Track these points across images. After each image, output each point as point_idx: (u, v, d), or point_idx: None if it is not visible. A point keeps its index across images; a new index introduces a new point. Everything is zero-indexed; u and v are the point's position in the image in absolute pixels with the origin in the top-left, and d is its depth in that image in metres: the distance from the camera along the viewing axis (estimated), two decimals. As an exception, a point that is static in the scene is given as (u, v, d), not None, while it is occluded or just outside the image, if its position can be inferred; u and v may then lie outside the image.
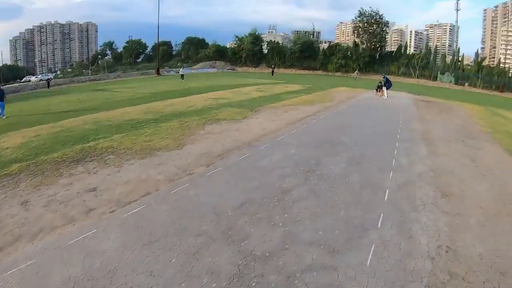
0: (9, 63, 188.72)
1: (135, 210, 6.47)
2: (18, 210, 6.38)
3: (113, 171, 8.67)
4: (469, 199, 7.47)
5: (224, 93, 25.87)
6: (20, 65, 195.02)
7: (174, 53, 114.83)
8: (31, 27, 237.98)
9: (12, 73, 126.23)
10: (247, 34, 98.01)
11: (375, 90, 30.03)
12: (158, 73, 75.86)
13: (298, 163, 8.72)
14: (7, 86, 70.71)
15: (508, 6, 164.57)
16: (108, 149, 10.72)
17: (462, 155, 11.24)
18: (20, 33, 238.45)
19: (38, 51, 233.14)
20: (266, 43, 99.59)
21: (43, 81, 68.05)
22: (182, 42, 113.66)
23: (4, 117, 19.32)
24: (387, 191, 7.51)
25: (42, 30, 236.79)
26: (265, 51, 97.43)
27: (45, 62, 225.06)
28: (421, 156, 10.55)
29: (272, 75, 56.33)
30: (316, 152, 9.76)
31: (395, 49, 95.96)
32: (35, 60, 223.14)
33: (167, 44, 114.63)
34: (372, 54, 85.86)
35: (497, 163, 10.62)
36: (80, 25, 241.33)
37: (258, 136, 11.74)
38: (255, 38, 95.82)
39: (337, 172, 8.22)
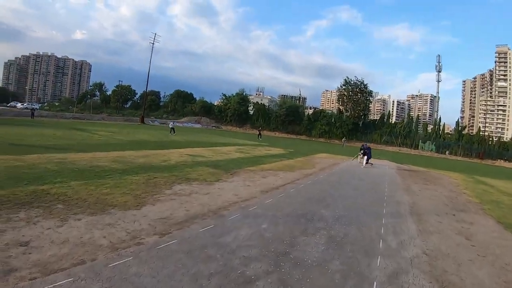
0: (0, 84, 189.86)
1: (56, 284, 5.06)
2: None
3: (55, 225, 7.41)
4: (471, 290, 6.32)
5: (203, 151, 25.07)
6: (10, 89, 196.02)
7: (161, 104, 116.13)
8: (27, 54, 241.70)
9: (0, 95, 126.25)
10: (234, 94, 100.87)
11: (357, 157, 29.57)
12: (142, 121, 76.06)
13: (268, 242, 7.38)
14: None
15: (486, 77, 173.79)
16: (61, 196, 9.58)
17: (455, 232, 10.28)
18: (16, 58, 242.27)
19: (31, 79, 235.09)
20: (252, 104, 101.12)
21: (28, 110, 67.88)
22: (170, 94, 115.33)
23: None
24: (375, 283, 6.22)
25: (37, 59, 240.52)
26: (251, 112, 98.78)
27: (35, 91, 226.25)
28: (411, 235, 9.36)
29: (259, 137, 55.43)
30: (291, 228, 8.50)
31: (378, 118, 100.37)
32: (26, 87, 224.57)
33: (156, 94, 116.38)
34: (356, 122, 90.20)
35: (493, 240, 9.83)
36: (75, 61, 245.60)
37: (229, 204, 10.48)
38: (242, 99, 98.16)
39: (314, 257, 6.88)
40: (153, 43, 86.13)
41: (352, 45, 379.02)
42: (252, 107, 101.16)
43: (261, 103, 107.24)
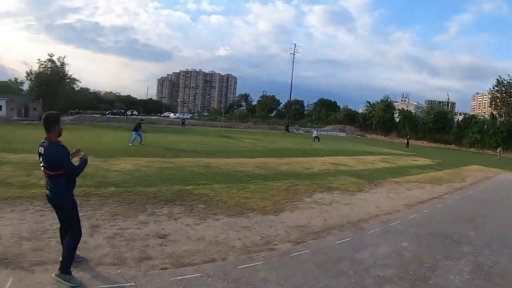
0: (154, 98, 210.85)
1: (184, 277, 5.37)
2: (84, 233, 5.81)
3: (194, 222, 8.02)
4: None
5: (346, 160, 24.60)
6: (163, 101, 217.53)
7: (305, 112, 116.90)
8: (177, 71, 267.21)
9: (155, 107, 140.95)
10: (378, 101, 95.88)
11: None
12: (287, 129, 77.55)
13: (407, 263, 6.68)
14: (147, 116, 78.47)
15: None
16: (203, 197, 10.34)
17: None
18: (168, 74, 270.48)
19: (181, 92, 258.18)
20: (398, 111, 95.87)
21: (179, 119, 74.39)
22: (314, 103, 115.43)
23: (133, 144, 24.11)
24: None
25: (187, 75, 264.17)
26: (397, 119, 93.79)
27: (186, 103, 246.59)
28: None
29: (407, 146, 51.41)
30: (434, 250, 7.57)
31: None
32: (178, 99, 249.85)
33: (299, 103, 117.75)
34: None
35: None
36: (221, 76, 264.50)
37: (369, 216, 9.96)
38: (387, 106, 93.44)
39: (456, 286, 5.89)
40: (293, 54, 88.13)
41: (502, 40, 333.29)
42: (397, 114, 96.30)
43: (407, 110, 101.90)
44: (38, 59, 72.70)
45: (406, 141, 54.99)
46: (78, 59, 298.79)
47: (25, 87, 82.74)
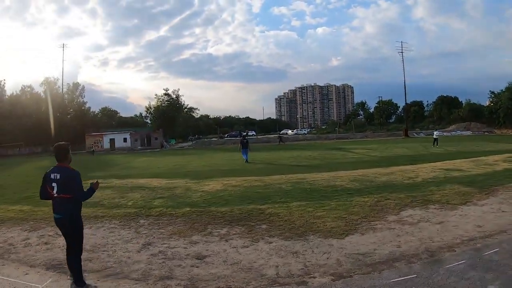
0: (274, 117, 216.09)
1: None
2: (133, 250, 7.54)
3: (243, 244, 7.68)
4: None
5: (462, 163, 21.02)
6: (283, 119, 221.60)
7: (426, 114, 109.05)
8: (293, 88, 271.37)
9: (274, 125, 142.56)
10: (504, 89, 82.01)
11: None
12: (406, 134, 72.88)
13: None
14: (261, 136, 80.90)
15: None
16: (272, 216, 9.82)
17: None
18: (284, 92, 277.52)
19: (300, 108, 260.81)
20: None
21: (297, 135, 75.07)
22: (434, 102, 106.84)
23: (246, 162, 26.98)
24: None
25: (303, 90, 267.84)
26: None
27: (306, 119, 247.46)
28: None
29: None
30: None
31: None
32: (297, 116, 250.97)
33: (418, 105, 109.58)
34: None
35: None
36: (337, 87, 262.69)
37: (461, 241, 7.45)
38: None
39: None
40: (402, 52, 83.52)
41: None
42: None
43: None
44: (156, 94, 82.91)
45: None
46: (197, 89, 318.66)
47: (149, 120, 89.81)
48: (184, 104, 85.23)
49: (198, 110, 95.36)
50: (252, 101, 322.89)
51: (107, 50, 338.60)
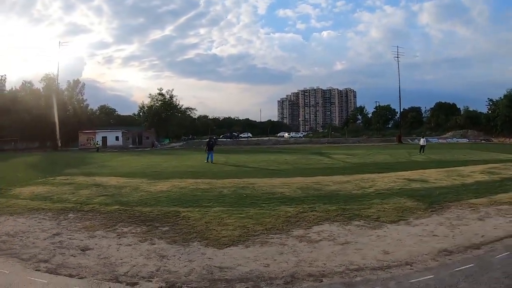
0: (276, 119, 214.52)
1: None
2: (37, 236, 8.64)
3: (127, 243, 8.13)
4: None
5: (433, 173, 19.64)
6: (285, 122, 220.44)
7: (424, 120, 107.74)
8: (296, 91, 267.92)
9: (273, 128, 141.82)
10: (502, 97, 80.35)
11: None
12: (399, 141, 71.61)
13: None
14: (258, 138, 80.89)
15: None
16: (182, 220, 10.00)
17: None
18: (287, 95, 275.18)
19: (302, 111, 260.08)
20: None
21: (292, 138, 74.45)
22: (431, 108, 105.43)
23: (207, 162, 27.81)
24: None
25: (305, 94, 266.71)
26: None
27: (307, 122, 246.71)
28: None
29: None
30: None
31: None
32: (299, 119, 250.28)
33: (416, 111, 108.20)
34: None
35: None
36: (340, 90, 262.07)
37: (345, 269, 6.36)
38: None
39: None
40: (397, 57, 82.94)
41: None
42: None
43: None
44: (150, 94, 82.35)
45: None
46: (201, 89, 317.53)
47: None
48: (178, 104, 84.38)
49: (196, 110, 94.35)
50: (255, 103, 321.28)
51: (112, 47, 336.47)
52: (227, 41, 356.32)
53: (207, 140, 32.55)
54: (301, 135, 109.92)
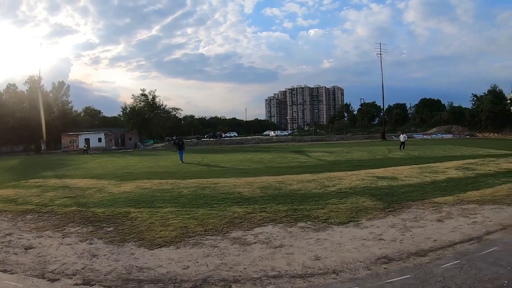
0: (264, 118, 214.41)
1: None
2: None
3: (76, 242, 8.39)
4: None
5: (405, 170, 19.08)
6: (273, 120, 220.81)
7: (409, 116, 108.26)
8: (283, 89, 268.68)
9: (260, 127, 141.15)
10: (486, 93, 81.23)
11: None
12: (383, 137, 71.49)
13: None
14: (242, 137, 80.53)
15: None
16: (129, 220, 10.03)
17: None
18: (274, 94, 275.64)
19: (289, 110, 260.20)
20: (509, 101, 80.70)
21: (278, 137, 74.05)
22: (416, 105, 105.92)
23: (181, 163, 27.65)
24: None
25: (293, 92, 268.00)
26: (513, 111, 78.65)
27: (295, 120, 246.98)
28: None
29: None
30: None
31: None
32: (287, 117, 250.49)
33: (401, 107, 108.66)
34: None
35: None
36: (327, 88, 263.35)
37: (282, 276, 5.88)
38: (496, 97, 77.82)
39: None
40: (380, 54, 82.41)
41: None
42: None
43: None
44: (133, 95, 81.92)
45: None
46: (188, 89, 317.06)
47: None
48: (162, 105, 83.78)
49: (181, 110, 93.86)
50: (243, 102, 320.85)
51: (98, 48, 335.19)
52: (214, 40, 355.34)
53: (177, 140, 32.98)
54: (287, 134, 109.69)
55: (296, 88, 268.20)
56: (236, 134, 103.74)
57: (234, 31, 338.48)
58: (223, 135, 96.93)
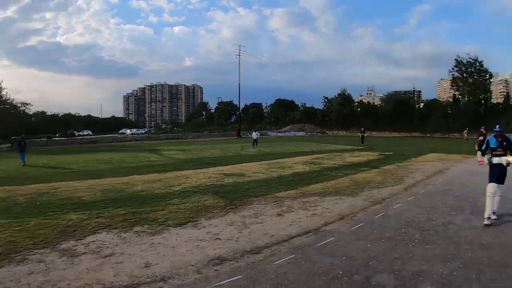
0: (121, 115, 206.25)
1: None
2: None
3: None
4: None
5: (254, 166, 19.91)
6: (130, 118, 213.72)
7: (265, 115, 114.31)
8: (143, 86, 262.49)
9: (117, 125, 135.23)
10: (336, 95, 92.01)
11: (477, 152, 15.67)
12: (238, 135, 73.83)
13: None
14: (97, 136, 76.36)
15: None
16: None
17: None
18: (133, 90, 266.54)
19: (148, 107, 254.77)
20: (357, 104, 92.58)
21: (134, 135, 71.71)
22: (271, 105, 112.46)
23: (23, 165, 25.30)
24: None
25: (152, 89, 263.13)
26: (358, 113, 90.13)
27: (154, 118, 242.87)
28: None
29: (362, 142, 42.72)
30: None
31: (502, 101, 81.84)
32: (145, 115, 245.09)
33: (257, 107, 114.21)
34: (476, 109, 71.60)
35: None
36: (187, 86, 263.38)
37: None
38: (344, 99, 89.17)
39: None
40: (239, 55, 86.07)
41: (462, 26, 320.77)
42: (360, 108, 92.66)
43: (372, 102, 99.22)
44: None
45: (360, 136, 45.17)
46: (42, 81, 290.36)
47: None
48: (9, 99, 72.97)
49: (32, 105, 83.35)
50: (99, 98, 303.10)
51: None
52: (74, 28, 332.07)
53: (19, 140, 29.11)
54: (143, 132, 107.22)
55: (156, 85, 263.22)
56: (90, 133, 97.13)
57: (97, 20, 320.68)
58: (76, 134, 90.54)
